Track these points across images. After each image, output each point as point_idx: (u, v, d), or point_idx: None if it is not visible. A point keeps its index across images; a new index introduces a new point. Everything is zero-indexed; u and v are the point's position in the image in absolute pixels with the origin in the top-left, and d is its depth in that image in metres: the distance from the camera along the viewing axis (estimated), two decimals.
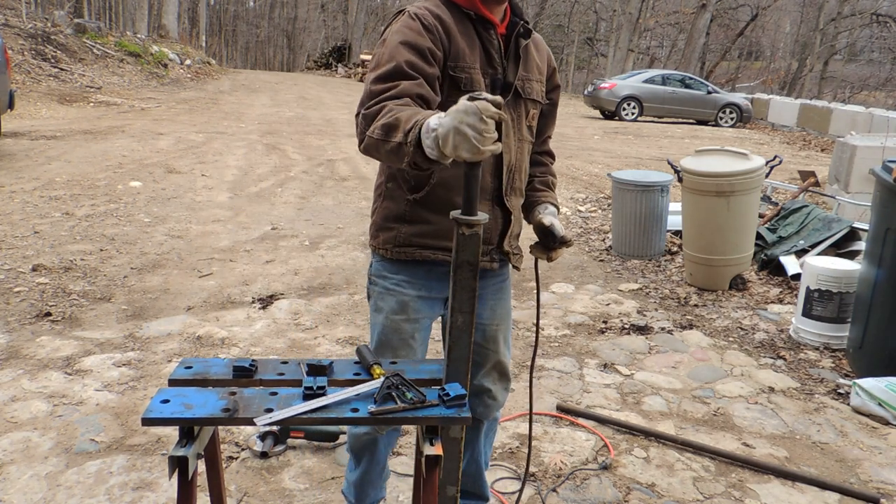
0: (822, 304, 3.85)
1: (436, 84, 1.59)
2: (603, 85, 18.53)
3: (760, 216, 5.48)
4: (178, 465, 1.22)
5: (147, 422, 1.23)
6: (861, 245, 4.79)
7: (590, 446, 2.77)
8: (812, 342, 3.91)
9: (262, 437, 2.58)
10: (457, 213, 1.35)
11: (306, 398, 1.28)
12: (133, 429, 2.69)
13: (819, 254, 4.85)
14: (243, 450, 2.62)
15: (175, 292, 4.22)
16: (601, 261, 5.53)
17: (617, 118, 18.19)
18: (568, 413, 3.02)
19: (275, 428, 2.59)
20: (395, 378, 1.31)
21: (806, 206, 5.51)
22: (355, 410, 1.27)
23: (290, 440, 2.65)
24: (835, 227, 5.06)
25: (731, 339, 4.02)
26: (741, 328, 4.18)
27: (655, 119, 18.98)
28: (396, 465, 2.54)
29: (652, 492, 2.50)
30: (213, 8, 44.64)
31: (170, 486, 2.33)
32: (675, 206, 5.70)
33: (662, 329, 4.11)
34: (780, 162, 5.24)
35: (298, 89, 21.05)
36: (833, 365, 3.68)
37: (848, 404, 3.23)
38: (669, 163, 5.23)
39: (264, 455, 2.56)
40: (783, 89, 34.44)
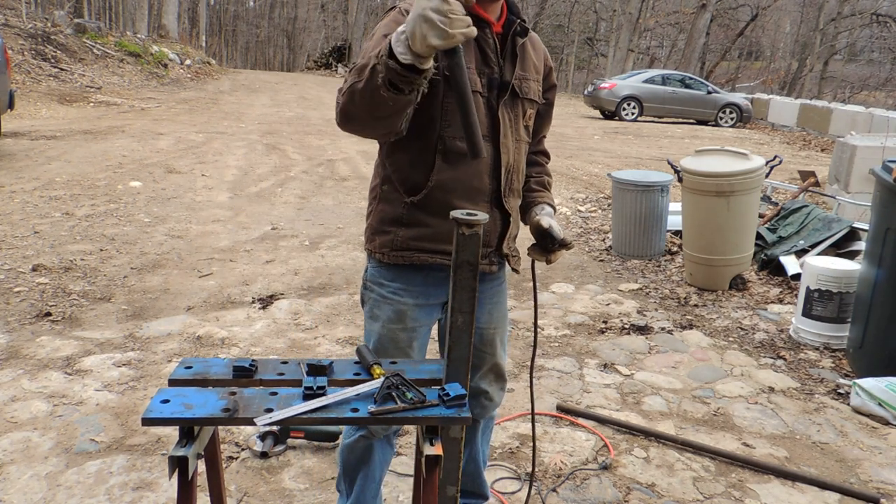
0: (822, 304, 3.85)
1: None
2: (603, 85, 18.52)
3: (760, 216, 5.48)
4: (178, 465, 1.22)
5: (147, 422, 1.22)
6: (861, 245, 4.79)
7: (590, 446, 2.77)
8: (812, 342, 3.91)
9: (262, 437, 2.59)
10: (457, 212, 1.35)
11: (306, 398, 1.28)
12: (133, 429, 2.69)
13: (819, 254, 4.85)
14: (243, 450, 2.62)
15: (175, 292, 4.22)
16: (601, 261, 5.53)
17: (617, 118, 18.20)
18: (568, 413, 3.02)
19: (275, 428, 2.60)
20: (395, 378, 1.31)
21: (806, 206, 5.51)
22: (355, 410, 1.27)
23: (290, 440, 2.65)
24: (835, 227, 5.06)
25: (731, 339, 4.02)
26: (741, 328, 4.18)
27: (655, 119, 18.98)
28: (396, 465, 2.54)
29: (652, 492, 2.50)
30: (213, 8, 44.63)
31: (170, 486, 2.33)
32: (675, 206, 5.70)
33: (662, 329, 4.11)
34: (780, 162, 5.24)
35: (298, 89, 21.06)
36: (833, 365, 3.68)
37: (848, 404, 3.23)
38: (669, 163, 5.23)
39: (264, 455, 2.57)
40: (783, 89, 34.45)
